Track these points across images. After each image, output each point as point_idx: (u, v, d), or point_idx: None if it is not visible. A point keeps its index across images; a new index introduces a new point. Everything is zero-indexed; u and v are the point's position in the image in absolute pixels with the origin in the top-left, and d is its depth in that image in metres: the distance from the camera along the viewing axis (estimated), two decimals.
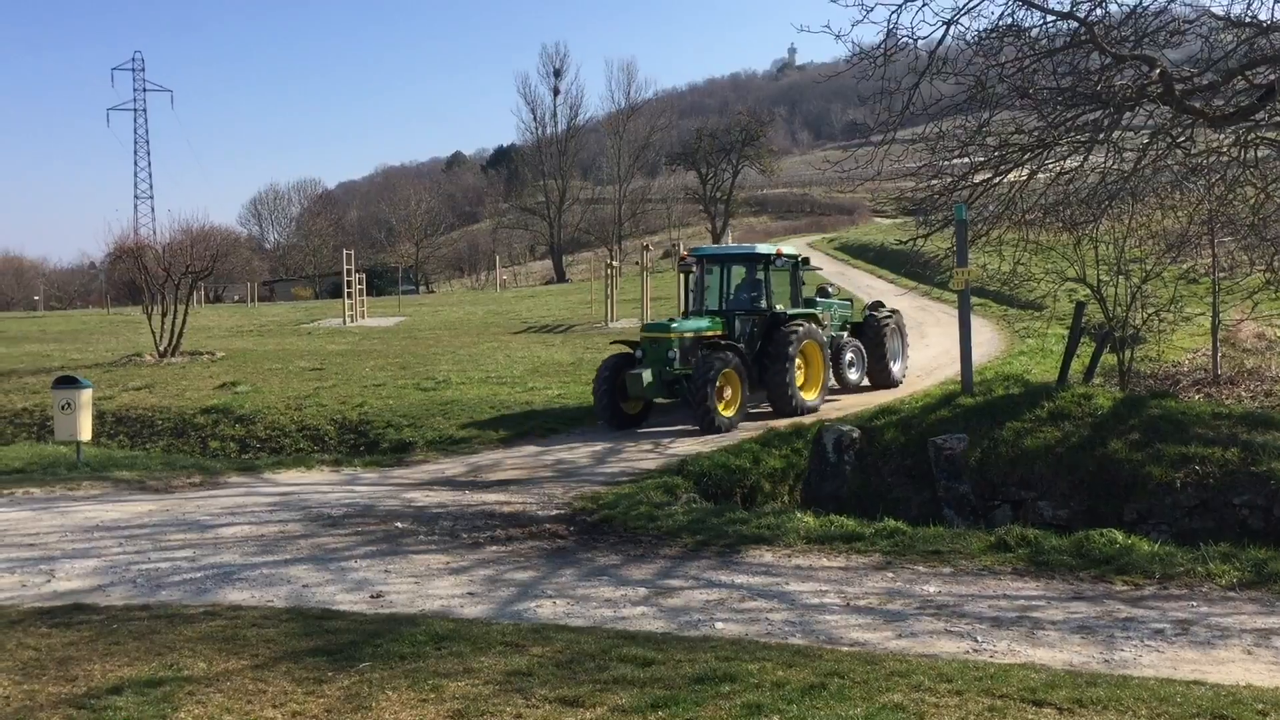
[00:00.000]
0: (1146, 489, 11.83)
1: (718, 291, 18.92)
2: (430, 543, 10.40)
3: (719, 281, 18.96)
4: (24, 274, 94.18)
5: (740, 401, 16.95)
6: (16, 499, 13.00)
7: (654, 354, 17.24)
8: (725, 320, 18.20)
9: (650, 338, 17.55)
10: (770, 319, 18.27)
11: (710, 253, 19.85)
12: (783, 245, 19.19)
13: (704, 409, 16.30)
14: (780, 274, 19.14)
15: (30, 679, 6.20)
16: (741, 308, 18.60)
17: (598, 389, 17.41)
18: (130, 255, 29.37)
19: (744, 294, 18.89)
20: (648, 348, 17.37)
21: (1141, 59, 12.21)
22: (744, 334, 18.26)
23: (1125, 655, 6.75)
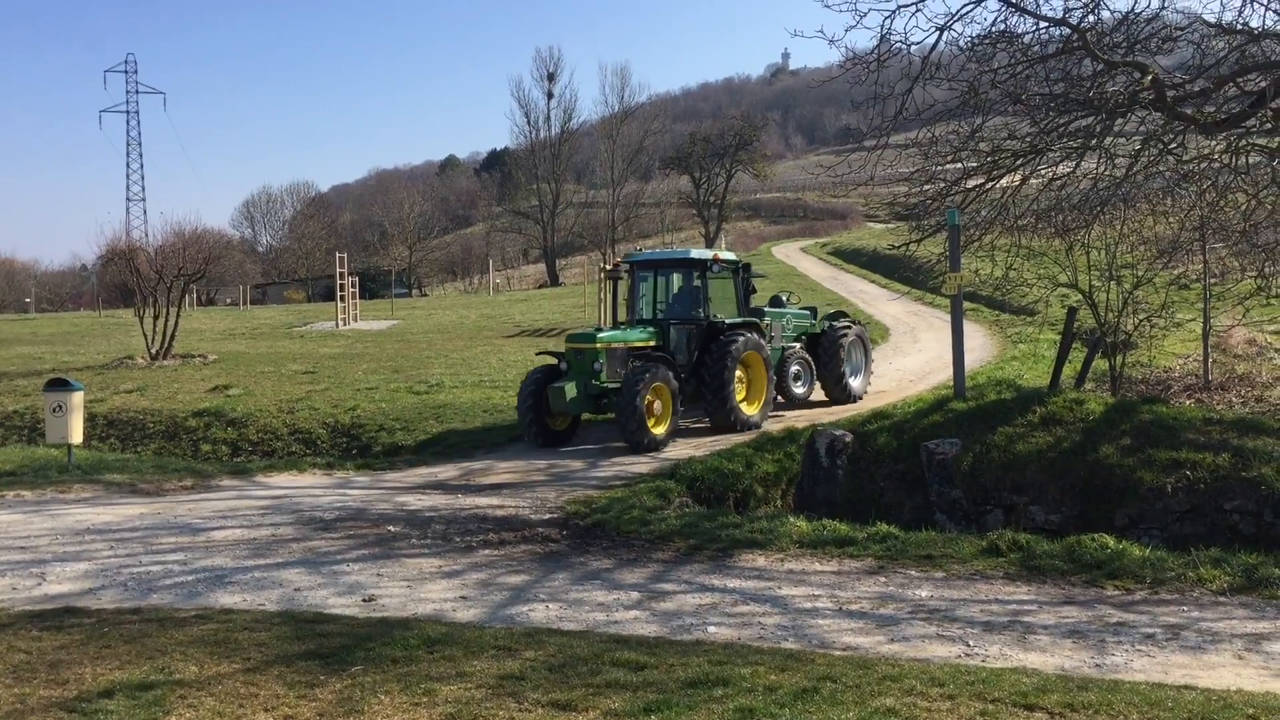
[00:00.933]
0: (1138, 494, 11.85)
1: (651, 300, 18.01)
2: (423, 546, 10.39)
3: (652, 289, 18.04)
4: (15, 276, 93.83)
5: (672, 417, 15.99)
6: (7, 502, 12.96)
7: (579, 366, 16.18)
8: (660, 330, 17.22)
9: (575, 348, 16.39)
10: (708, 329, 17.24)
11: (642, 259, 18.63)
12: (720, 251, 18.14)
13: (632, 425, 15.30)
14: (721, 281, 18.04)
15: (21, 682, 6.18)
16: (677, 317, 17.59)
17: (522, 404, 16.31)
18: (122, 258, 29.31)
19: (679, 302, 17.90)
20: (572, 359, 16.31)
21: (1133, 65, 12.26)
22: (680, 345, 17.25)
23: (1116, 660, 6.76)
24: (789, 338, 19.13)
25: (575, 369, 16.18)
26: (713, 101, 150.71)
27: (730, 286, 18.10)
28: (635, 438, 15.36)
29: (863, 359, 20.12)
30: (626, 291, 18.60)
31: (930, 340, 27.34)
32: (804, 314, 20.15)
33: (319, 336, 34.67)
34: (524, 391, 16.36)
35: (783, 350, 18.64)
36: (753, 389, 17.43)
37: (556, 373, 16.40)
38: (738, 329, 17.16)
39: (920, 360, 24.08)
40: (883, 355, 25.52)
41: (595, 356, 16.07)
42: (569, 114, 79.57)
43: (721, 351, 16.57)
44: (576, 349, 16.33)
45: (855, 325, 20.20)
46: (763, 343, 17.43)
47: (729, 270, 17.95)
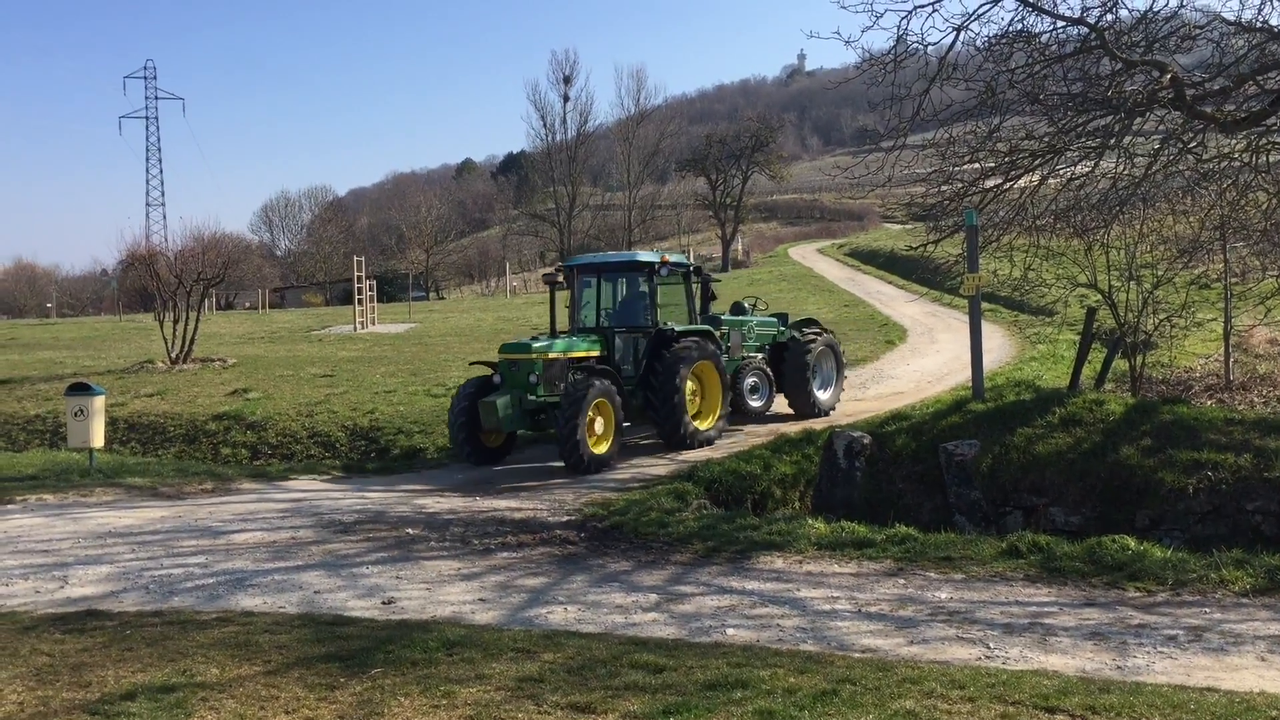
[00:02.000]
0: (1159, 495, 11.78)
1: (595, 307, 16.80)
2: (441, 549, 10.42)
3: (596, 295, 16.82)
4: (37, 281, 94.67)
5: (615, 435, 14.89)
6: (30, 505, 13.06)
7: (513, 378, 14.98)
8: (604, 340, 16.05)
9: (509, 359, 15.16)
10: (657, 337, 16.01)
11: (585, 263, 17.17)
12: (670, 254, 16.80)
13: (571, 444, 14.16)
14: (671, 287, 16.96)
15: (44, 685, 6.23)
16: (623, 325, 16.43)
17: (453, 420, 15.20)
18: (142, 262, 29.46)
19: (626, 309, 16.74)
20: (506, 371, 15.10)
21: (1152, 64, 12.19)
22: (625, 355, 16.12)
23: (1138, 662, 6.72)
24: (751, 347, 18.18)
25: (510, 381, 15.02)
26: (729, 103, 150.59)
27: (681, 292, 17.09)
28: (574, 458, 14.24)
29: (833, 370, 18.92)
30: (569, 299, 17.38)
31: (948, 341, 27.25)
32: (770, 321, 19.09)
33: (337, 340, 34.80)
34: (455, 406, 15.24)
35: (746, 360, 17.72)
36: (706, 402, 16.34)
37: (490, 386, 15.27)
38: (689, 337, 16.02)
39: (938, 361, 24.00)
40: (900, 356, 25.47)
41: (531, 368, 14.91)
42: (585, 117, 79.64)
43: (671, 362, 15.38)
44: (511, 360, 15.12)
45: (825, 334, 19.04)
46: (717, 352, 16.32)
47: (679, 275, 16.90)
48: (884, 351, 26.27)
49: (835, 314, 35.38)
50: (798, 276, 54.28)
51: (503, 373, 15.15)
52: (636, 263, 16.54)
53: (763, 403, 17.79)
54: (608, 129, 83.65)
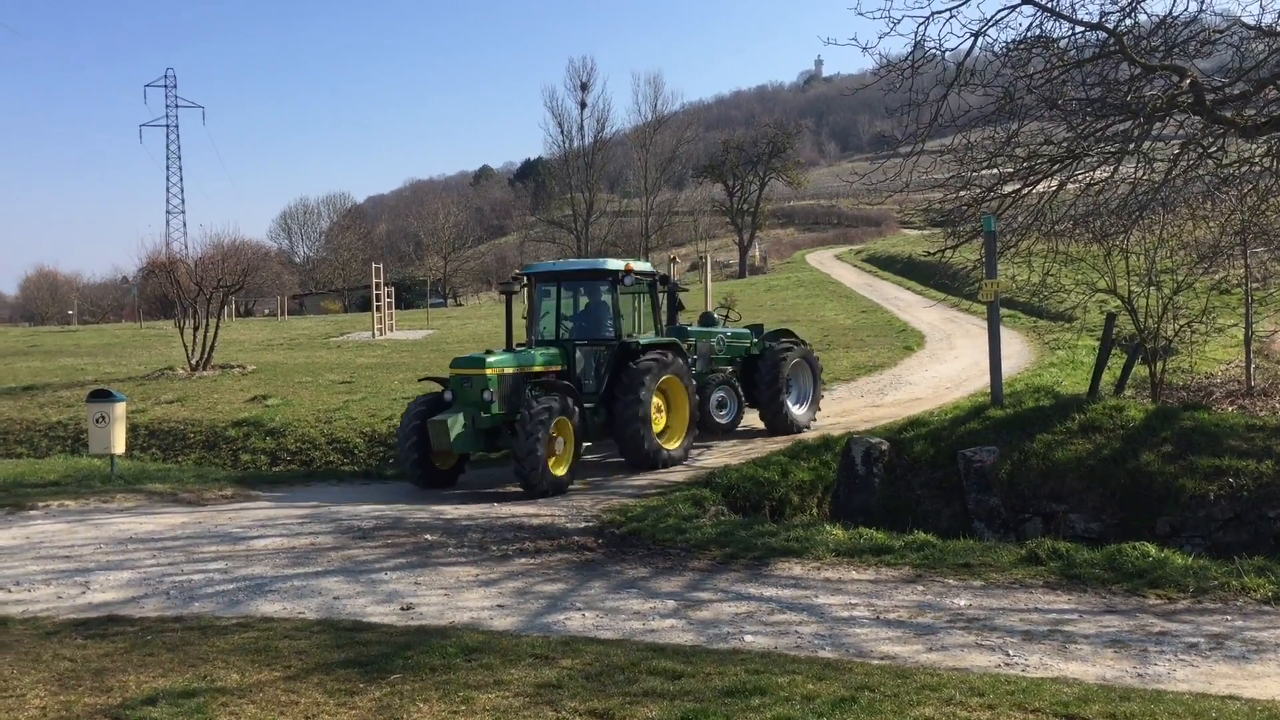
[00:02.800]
0: (1180, 502, 11.72)
1: (555, 318, 15.75)
2: (459, 555, 10.45)
3: (556, 305, 15.78)
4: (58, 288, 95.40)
5: (574, 456, 14.03)
6: (52, 511, 13.16)
7: (465, 395, 13.93)
8: (564, 353, 15.07)
9: (461, 374, 14.09)
10: (620, 350, 15.07)
11: (544, 270, 16.04)
12: (634, 262, 15.82)
13: (530, 465, 13.20)
14: (636, 296, 16.02)
15: (66, 690, 6.27)
16: (584, 337, 15.42)
17: (403, 440, 14.20)
18: (163, 270, 29.66)
19: (587, 320, 15.67)
20: (458, 387, 14.04)
21: (1171, 69, 12.16)
22: (587, 369, 15.16)
23: (1159, 670, 6.68)
24: (721, 360, 17.38)
25: (462, 399, 13.94)
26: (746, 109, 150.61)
27: (648, 302, 16.16)
28: (534, 480, 13.31)
29: (810, 385, 18.07)
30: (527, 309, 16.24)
31: (966, 347, 27.16)
32: (742, 333, 18.33)
33: (356, 346, 34.92)
34: (405, 426, 14.15)
35: (714, 374, 16.79)
36: (674, 419, 15.33)
37: (441, 403, 14.21)
38: (654, 350, 15.05)
39: (957, 367, 23.92)
40: (918, 362, 25.40)
41: (484, 384, 13.84)
42: (602, 123, 79.73)
43: (635, 377, 14.43)
44: (463, 375, 14.07)
45: (800, 346, 18.20)
46: (685, 366, 15.39)
47: (645, 284, 15.91)
48: (902, 357, 26.21)
49: (853, 320, 35.34)
50: (815, 282, 54.22)
51: (454, 389, 14.08)
52: (599, 270, 15.56)
53: (730, 419, 16.81)
54: (625, 135, 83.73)
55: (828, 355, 26.55)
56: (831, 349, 27.83)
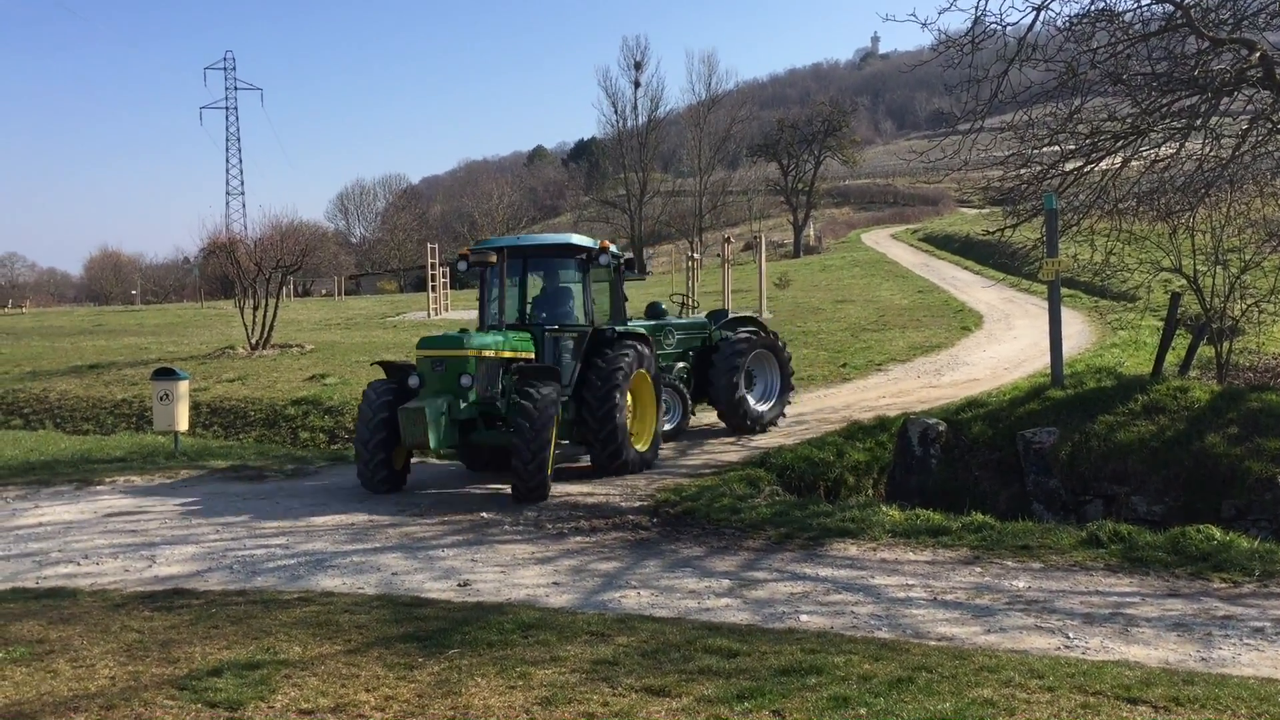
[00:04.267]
0: (1245, 484, 11.50)
1: (518, 299, 13.90)
2: (515, 533, 10.52)
3: (521, 285, 13.95)
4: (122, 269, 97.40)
5: (553, 455, 12.21)
6: (119, 486, 13.44)
7: (437, 381, 12.05)
8: (533, 339, 13.32)
9: (432, 356, 12.20)
10: (594, 338, 13.49)
11: (506, 245, 13.85)
12: (606, 240, 14.11)
13: (537, 469, 11.61)
14: (601, 281, 14.34)
15: (134, 660, 6.41)
16: (552, 321, 13.61)
17: (367, 434, 12.14)
18: (223, 250, 30.15)
19: (554, 303, 13.91)
20: (427, 371, 12.15)
21: (1240, 42, 11.88)
22: (559, 359, 13.39)
23: (1223, 654, 6.57)
24: (670, 355, 15.94)
25: (431, 386, 12.05)
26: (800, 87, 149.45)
27: (608, 288, 14.51)
28: (536, 482, 11.68)
29: (776, 379, 16.35)
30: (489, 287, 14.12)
31: (1025, 327, 26.81)
32: (698, 322, 16.92)
33: (412, 326, 35.23)
34: (368, 418, 12.11)
35: (664, 369, 15.23)
36: (641, 418, 13.74)
37: (406, 391, 12.31)
38: (630, 339, 13.51)
39: (1015, 348, 23.62)
40: (976, 343, 25.13)
41: (462, 367, 12.06)
42: (656, 103, 79.45)
43: (609, 369, 12.82)
44: (434, 357, 12.18)
45: (763, 335, 16.42)
46: (654, 359, 13.94)
47: (613, 264, 14.23)
48: (959, 338, 25.94)
49: (909, 300, 35.02)
50: (871, 262, 53.77)
51: (422, 374, 12.19)
52: (570, 247, 13.90)
53: (672, 425, 15.41)
54: (679, 115, 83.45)
55: (883, 335, 26.39)
56: (888, 329, 27.61)
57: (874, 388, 19.65)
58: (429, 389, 12.02)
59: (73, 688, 5.91)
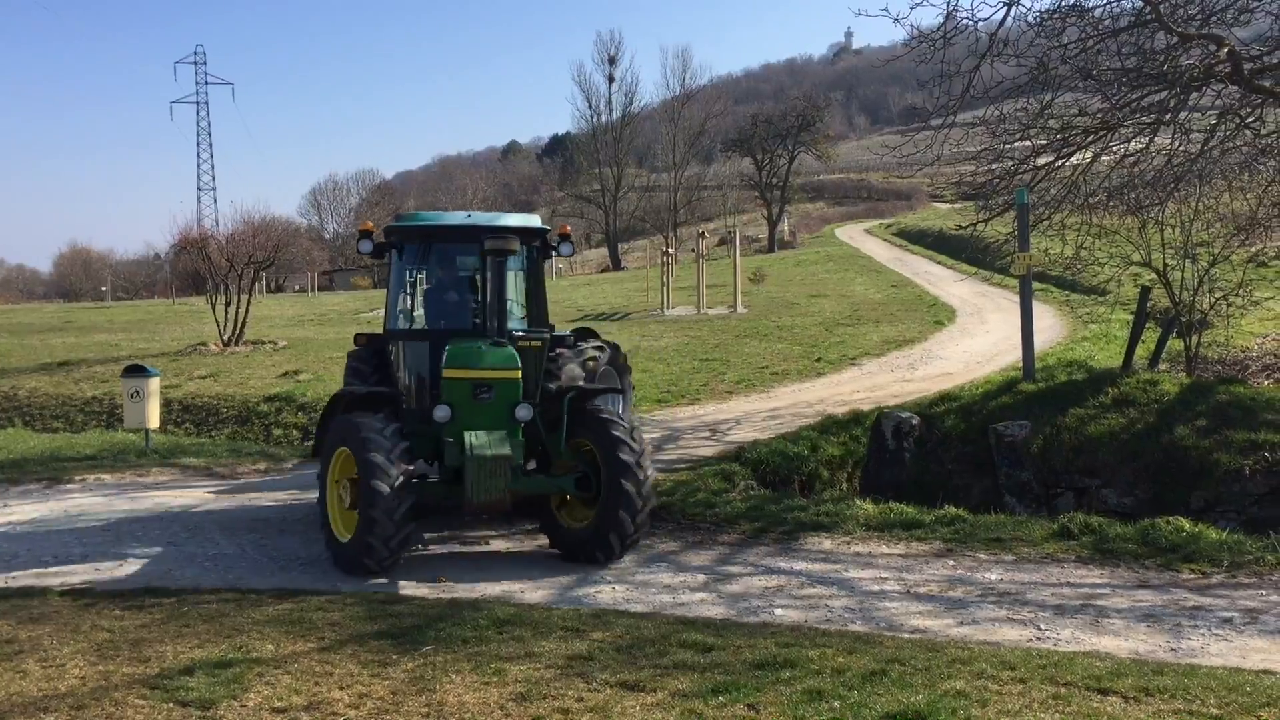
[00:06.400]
0: (1214, 476, 11.60)
1: (452, 292, 10.92)
2: (490, 529, 10.50)
3: (454, 276, 10.94)
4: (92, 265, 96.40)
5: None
6: (89, 485, 13.32)
7: (486, 414, 9.04)
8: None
9: (478, 379, 9.07)
10: (553, 348, 10.62)
11: (436, 224, 10.79)
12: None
13: (644, 519, 9.17)
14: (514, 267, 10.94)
15: (105, 660, 6.36)
16: (516, 325, 10.66)
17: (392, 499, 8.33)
18: (194, 246, 29.93)
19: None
20: (464, 400, 9.04)
21: (1209, 38, 11.97)
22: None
23: (1193, 644, 6.65)
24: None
25: (472, 418, 9.00)
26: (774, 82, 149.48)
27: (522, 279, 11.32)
28: (636, 538, 9.23)
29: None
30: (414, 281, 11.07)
31: (998, 321, 26.96)
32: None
33: None
34: (381, 467, 8.36)
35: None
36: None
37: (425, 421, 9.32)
38: (590, 344, 11.63)
39: (988, 342, 23.74)
40: (949, 337, 25.25)
41: (517, 394, 9.19)
42: (630, 97, 79.47)
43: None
44: (481, 380, 9.08)
45: (603, 349, 12.11)
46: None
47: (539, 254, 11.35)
48: (932, 332, 26.05)
49: (883, 294, 35.14)
50: (845, 257, 53.91)
51: (454, 403, 9.05)
52: (531, 229, 10.86)
53: None
54: (653, 110, 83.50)
55: (857, 330, 26.48)
56: (862, 324, 27.70)
57: (848, 382, 19.71)
58: (469, 421, 8.99)
59: (42, 687, 5.86)
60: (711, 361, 21.93)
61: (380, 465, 8.34)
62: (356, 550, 8.57)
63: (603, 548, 9.01)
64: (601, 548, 9.01)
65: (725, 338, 25.61)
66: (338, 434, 9.09)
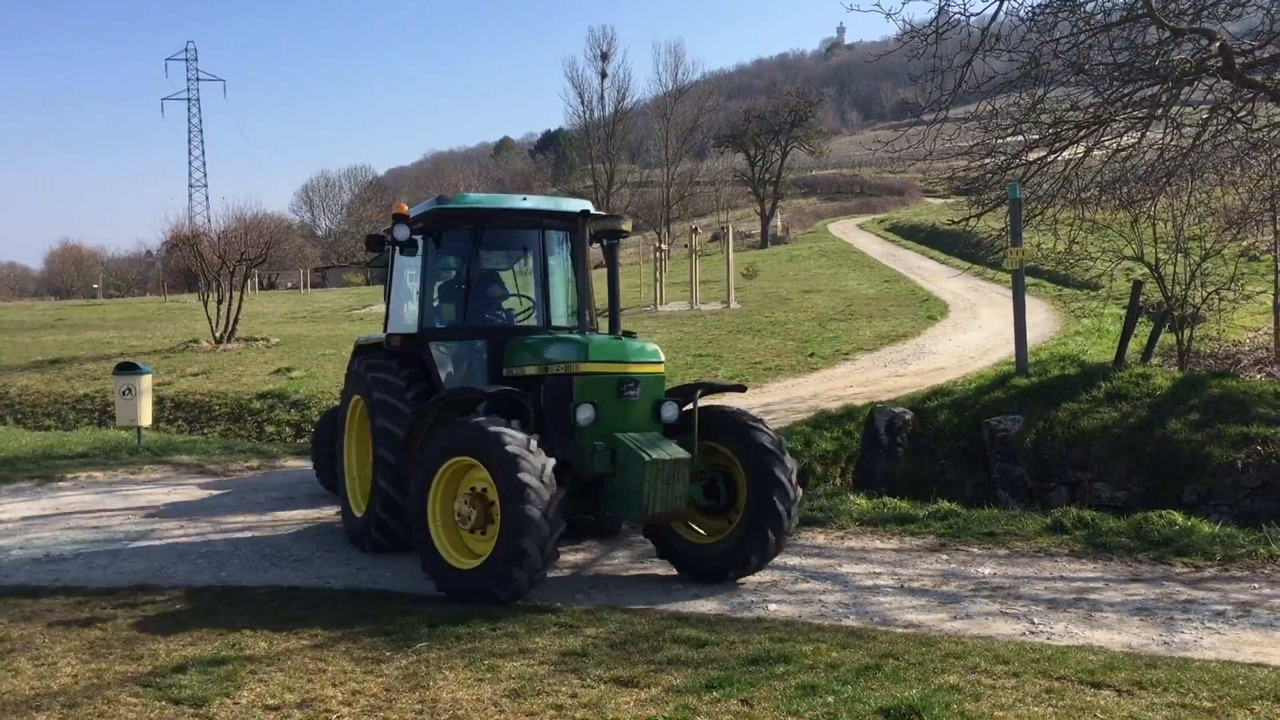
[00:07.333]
0: (1207, 470, 11.63)
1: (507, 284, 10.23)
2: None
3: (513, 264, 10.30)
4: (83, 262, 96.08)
5: None
6: (81, 482, 13.28)
7: (634, 415, 8.28)
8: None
9: (627, 374, 8.29)
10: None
11: (501, 207, 9.77)
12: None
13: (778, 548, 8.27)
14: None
15: (97, 658, 6.34)
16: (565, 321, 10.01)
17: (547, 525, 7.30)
18: (186, 243, 29.83)
19: (560, 292, 10.06)
20: (609, 397, 8.19)
21: (1200, 32, 11.97)
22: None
23: (1185, 637, 6.66)
24: None
25: (619, 419, 8.20)
26: (767, 78, 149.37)
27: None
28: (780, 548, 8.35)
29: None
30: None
31: (991, 316, 26.97)
32: None
33: (378, 319, 35.00)
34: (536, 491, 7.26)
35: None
36: None
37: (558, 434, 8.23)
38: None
39: (981, 336, 23.76)
40: (942, 332, 25.26)
41: (661, 391, 8.50)
42: (623, 93, 79.17)
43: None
44: (630, 375, 8.31)
45: None
46: None
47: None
48: (926, 327, 26.06)
49: (876, 289, 35.16)
50: (838, 252, 53.93)
51: (598, 401, 8.16)
52: (586, 216, 9.50)
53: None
54: (645, 105, 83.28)
55: (850, 325, 26.48)
56: (855, 319, 27.71)
57: (841, 377, 19.71)
58: (613, 422, 8.16)
59: (34, 686, 5.83)
60: (705, 357, 21.92)
61: (534, 489, 7.22)
62: (490, 581, 7.40)
63: (738, 565, 8.20)
64: (737, 565, 8.20)
65: (718, 333, 25.59)
66: (454, 440, 7.77)
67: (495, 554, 7.41)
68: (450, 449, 7.80)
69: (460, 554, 7.80)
